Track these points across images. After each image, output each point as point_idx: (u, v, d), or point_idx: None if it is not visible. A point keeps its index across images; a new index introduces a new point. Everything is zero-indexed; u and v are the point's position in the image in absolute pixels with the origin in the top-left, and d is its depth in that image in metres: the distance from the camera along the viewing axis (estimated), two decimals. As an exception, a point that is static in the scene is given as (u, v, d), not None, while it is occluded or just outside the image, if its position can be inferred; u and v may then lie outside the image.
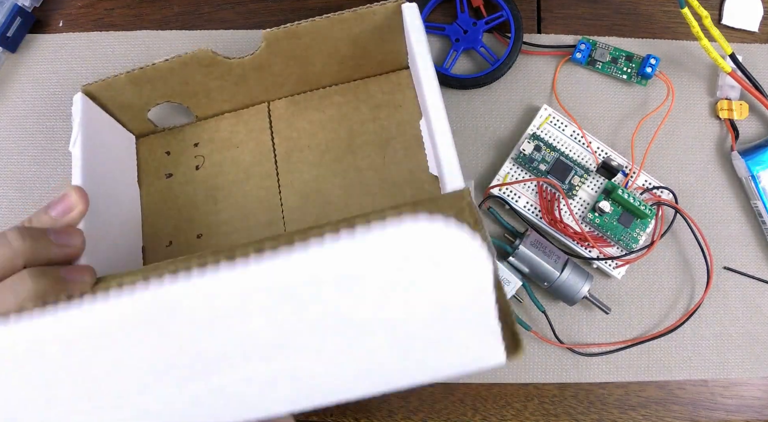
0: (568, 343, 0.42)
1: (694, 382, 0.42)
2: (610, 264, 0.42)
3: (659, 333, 0.41)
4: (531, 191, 0.42)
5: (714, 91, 0.45)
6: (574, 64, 0.45)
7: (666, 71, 0.44)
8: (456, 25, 0.44)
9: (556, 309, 0.42)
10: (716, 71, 0.45)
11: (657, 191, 0.42)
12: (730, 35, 0.45)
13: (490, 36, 0.45)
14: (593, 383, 0.42)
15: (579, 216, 0.42)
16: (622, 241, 0.41)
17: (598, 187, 0.42)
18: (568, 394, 0.42)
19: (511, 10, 0.43)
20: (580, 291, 0.40)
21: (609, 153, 0.43)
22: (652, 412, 0.42)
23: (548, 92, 0.45)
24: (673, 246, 0.43)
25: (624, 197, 0.40)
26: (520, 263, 0.40)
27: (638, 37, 0.45)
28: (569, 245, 0.42)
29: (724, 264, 0.43)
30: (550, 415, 0.42)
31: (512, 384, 0.42)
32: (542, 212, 0.42)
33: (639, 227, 0.41)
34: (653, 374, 0.42)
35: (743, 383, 0.42)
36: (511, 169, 0.43)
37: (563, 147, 0.42)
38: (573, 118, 0.43)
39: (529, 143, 0.42)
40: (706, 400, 0.42)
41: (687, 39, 0.45)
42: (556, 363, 0.42)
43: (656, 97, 0.44)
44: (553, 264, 0.39)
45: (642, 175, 0.42)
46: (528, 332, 0.41)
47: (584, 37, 0.44)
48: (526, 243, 0.40)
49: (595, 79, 0.45)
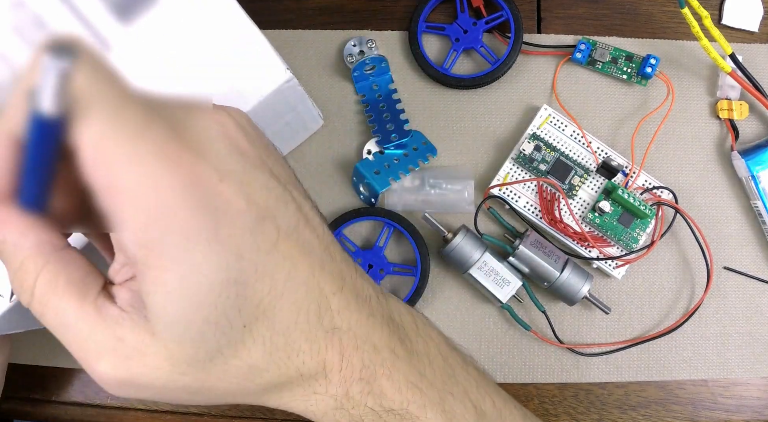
0: (568, 343, 0.42)
1: (694, 382, 0.42)
2: (610, 264, 0.42)
3: (659, 333, 0.41)
4: (531, 191, 0.42)
5: (714, 91, 0.45)
6: (574, 64, 0.45)
7: (666, 71, 0.44)
8: (456, 25, 0.44)
9: (556, 309, 0.42)
10: (716, 71, 0.45)
11: (657, 191, 0.42)
12: (730, 35, 0.45)
13: (490, 36, 0.45)
14: (593, 383, 0.42)
15: (579, 216, 0.42)
16: (622, 241, 0.41)
17: (598, 187, 0.42)
18: (568, 394, 0.42)
19: (511, 10, 0.43)
20: (580, 291, 0.40)
21: (609, 153, 0.43)
22: (652, 412, 0.42)
23: (548, 92, 0.45)
24: (673, 246, 0.43)
25: (624, 197, 0.40)
26: (520, 263, 0.40)
27: (638, 37, 0.45)
28: (569, 245, 0.42)
29: (724, 264, 0.43)
30: (550, 415, 0.42)
31: (512, 384, 0.42)
32: (542, 212, 0.42)
33: (639, 227, 0.41)
34: (653, 374, 0.42)
35: (743, 383, 0.42)
36: (511, 169, 0.43)
37: (563, 147, 0.42)
38: (573, 118, 0.43)
39: (529, 143, 0.42)
40: (706, 400, 0.42)
41: (687, 39, 0.45)
42: (556, 363, 0.42)
43: (656, 97, 0.44)
44: (553, 264, 0.39)
45: (642, 175, 0.42)
46: (528, 332, 0.41)
47: (584, 37, 0.44)
48: (526, 243, 0.40)
49: (595, 79, 0.45)
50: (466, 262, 0.40)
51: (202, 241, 0.18)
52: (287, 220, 0.20)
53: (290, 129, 0.40)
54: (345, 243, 0.43)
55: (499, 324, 0.42)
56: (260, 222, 0.19)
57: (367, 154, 0.43)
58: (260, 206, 0.19)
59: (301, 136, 0.44)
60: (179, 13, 0.32)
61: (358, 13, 0.46)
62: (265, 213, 0.19)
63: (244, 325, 0.19)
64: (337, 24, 0.45)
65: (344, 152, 0.44)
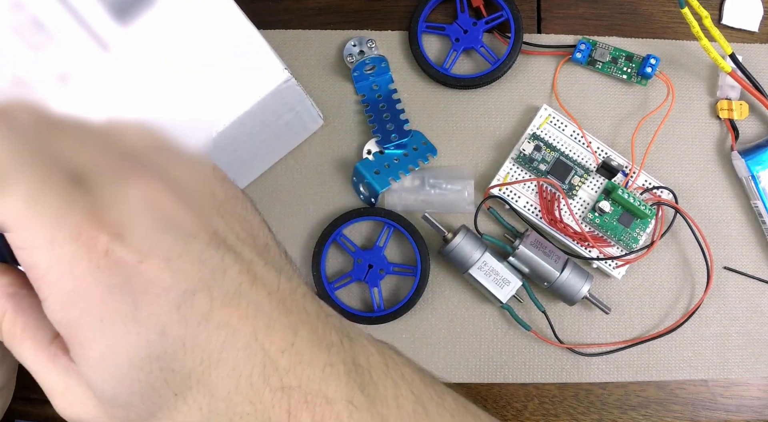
0: (568, 343, 0.42)
1: (694, 382, 0.42)
2: (610, 264, 0.42)
3: (659, 333, 0.41)
4: (531, 191, 0.42)
5: (714, 91, 0.45)
6: (574, 64, 0.45)
7: (666, 71, 0.44)
8: (456, 25, 0.44)
9: (556, 309, 0.42)
10: (716, 71, 0.45)
11: (657, 191, 0.42)
12: (730, 35, 0.45)
13: (490, 36, 0.45)
14: (593, 383, 0.42)
15: (579, 216, 0.42)
16: (622, 241, 0.41)
17: (598, 187, 0.42)
18: (568, 394, 0.42)
19: (511, 10, 0.43)
20: (580, 291, 0.40)
21: (609, 153, 0.43)
22: (652, 412, 0.42)
23: (548, 92, 0.45)
24: (673, 246, 0.43)
25: (624, 197, 0.40)
26: (520, 263, 0.40)
27: (638, 37, 0.45)
28: (569, 245, 0.42)
29: (724, 264, 0.43)
30: (550, 415, 0.42)
31: (512, 384, 0.42)
32: (542, 212, 0.42)
33: (639, 227, 0.41)
34: (653, 374, 0.42)
35: (743, 383, 0.42)
36: (511, 169, 0.43)
37: (563, 147, 0.42)
38: (573, 118, 0.43)
39: (529, 143, 0.42)
40: (706, 400, 0.42)
41: (687, 39, 0.45)
42: (556, 363, 0.42)
43: (656, 97, 0.44)
44: (553, 264, 0.39)
45: (642, 175, 0.42)
46: (528, 332, 0.41)
47: (584, 37, 0.44)
48: (526, 243, 0.40)
49: (595, 79, 0.45)
50: (466, 262, 0.40)
51: (118, 322, 0.18)
52: (225, 287, 0.20)
53: (290, 129, 0.40)
54: (345, 243, 0.43)
55: (499, 324, 0.42)
56: (189, 295, 0.19)
57: (367, 154, 0.43)
58: (190, 279, 0.19)
59: (301, 136, 0.44)
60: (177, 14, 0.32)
61: (358, 13, 0.46)
62: (196, 286, 0.19)
63: (175, 394, 0.20)
64: (337, 24, 0.45)
65: (344, 152, 0.44)
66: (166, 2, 0.32)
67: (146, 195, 0.20)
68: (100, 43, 0.31)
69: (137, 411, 0.20)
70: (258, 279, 0.21)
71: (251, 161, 0.41)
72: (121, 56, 0.31)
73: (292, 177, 0.44)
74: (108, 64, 0.31)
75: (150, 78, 0.32)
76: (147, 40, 0.31)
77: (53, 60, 0.31)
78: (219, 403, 0.20)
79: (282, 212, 0.43)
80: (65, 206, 0.18)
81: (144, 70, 0.31)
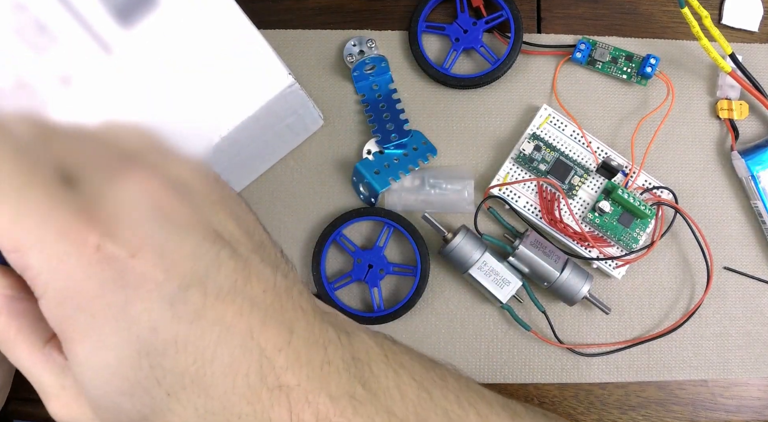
0: (568, 343, 0.42)
1: (694, 382, 0.42)
2: (610, 264, 0.42)
3: (659, 333, 0.41)
4: (531, 191, 0.42)
5: (714, 91, 0.45)
6: (574, 63, 0.45)
7: (666, 71, 0.44)
8: (456, 24, 0.44)
9: (556, 309, 0.42)
10: (716, 71, 0.45)
11: (657, 191, 0.42)
12: (730, 35, 0.45)
13: (490, 36, 0.45)
14: (593, 383, 0.42)
15: (579, 216, 0.42)
16: (622, 241, 0.41)
17: (598, 187, 0.42)
18: (568, 394, 0.42)
19: (511, 9, 0.43)
20: (580, 291, 0.40)
21: (609, 153, 0.43)
22: (652, 412, 0.42)
23: (548, 92, 0.45)
24: (673, 246, 0.43)
25: (624, 197, 0.40)
26: (520, 263, 0.40)
27: (638, 37, 0.45)
28: (569, 245, 0.42)
29: (724, 264, 0.43)
30: (550, 415, 0.42)
31: (512, 384, 0.42)
32: (542, 212, 0.42)
33: (639, 227, 0.41)
34: (653, 374, 0.42)
35: (743, 383, 0.42)
36: (511, 169, 0.43)
37: (563, 147, 0.42)
38: (573, 118, 0.43)
39: (529, 143, 0.42)
40: (706, 400, 0.42)
41: (687, 39, 0.45)
42: (556, 363, 0.42)
43: (656, 97, 0.44)
44: (553, 264, 0.39)
45: (642, 175, 0.42)
46: (528, 332, 0.41)
47: (584, 37, 0.44)
48: (526, 243, 0.40)
49: (595, 79, 0.45)
50: (466, 262, 0.40)
51: (109, 318, 0.18)
52: (220, 283, 0.20)
53: (291, 131, 0.40)
54: (345, 243, 0.43)
55: (499, 324, 0.42)
56: (183, 291, 0.19)
57: (367, 153, 0.43)
58: (184, 274, 0.19)
59: (302, 137, 0.44)
60: (181, 18, 0.32)
61: (358, 13, 0.46)
62: (190, 281, 0.19)
63: (168, 394, 0.19)
64: (337, 24, 0.45)
65: (344, 152, 0.44)
66: (169, 5, 0.31)
67: (141, 189, 0.19)
68: (103, 46, 0.31)
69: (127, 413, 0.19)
70: (253, 275, 0.21)
71: (252, 162, 0.41)
72: (123, 59, 0.31)
73: (292, 177, 0.44)
74: (111, 67, 0.31)
75: (153, 81, 0.31)
76: (150, 43, 0.31)
77: (56, 62, 0.31)
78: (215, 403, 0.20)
79: (282, 212, 0.43)
80: (52, 206, 0.18)
81: (147, 73, 0.31)
